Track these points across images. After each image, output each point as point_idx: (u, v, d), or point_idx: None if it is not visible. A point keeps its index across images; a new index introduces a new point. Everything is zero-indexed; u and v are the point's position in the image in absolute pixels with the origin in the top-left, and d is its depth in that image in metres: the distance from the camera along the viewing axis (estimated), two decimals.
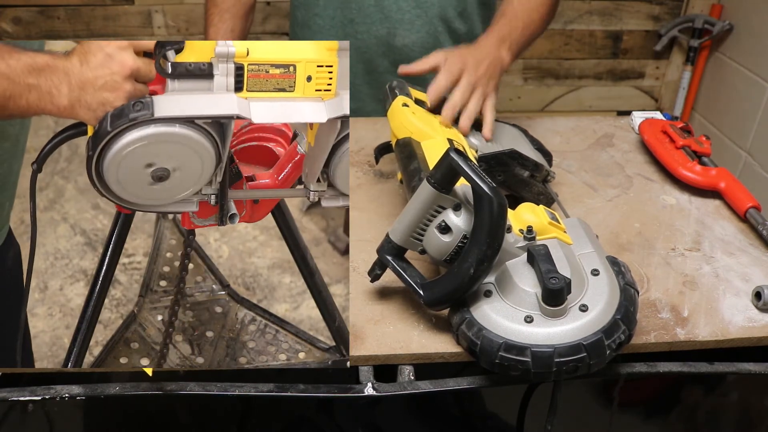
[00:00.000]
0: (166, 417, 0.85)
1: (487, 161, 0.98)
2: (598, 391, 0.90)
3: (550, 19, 1.27)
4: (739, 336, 0.84)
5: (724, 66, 2.43)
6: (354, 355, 0.79)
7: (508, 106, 2.65)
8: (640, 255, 0.98)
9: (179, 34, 2.36)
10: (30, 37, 2.31)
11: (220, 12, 1.35)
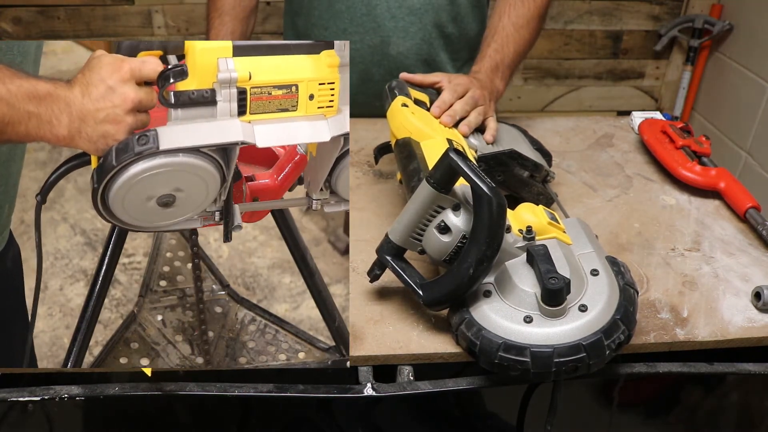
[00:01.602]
0: (165, 417, 0.85)
1: (486, 161, 0.98)
2: (597, 392, 0.90)
3: (542, 29, 1.29)
4: (739, 336, 0.84)
5: (724, 66, 2.43)
6: (353, 356, 0.79)
7: (508, 106, 2.65)
8: (640, 255, 0.98)
9: (179, 34, 2.36)
10: (30, 37, 2.31)
11: (220, 15, 1.35)
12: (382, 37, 1.34)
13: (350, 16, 1.33)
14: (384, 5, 1.32)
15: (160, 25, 2.35)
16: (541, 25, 1.27)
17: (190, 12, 2.33)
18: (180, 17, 2.34)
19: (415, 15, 1.33)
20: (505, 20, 1.21)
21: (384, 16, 1.32)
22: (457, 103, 1.02)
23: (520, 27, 1.21)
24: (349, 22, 1.34)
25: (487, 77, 1.13)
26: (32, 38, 2.32)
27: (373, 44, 1.35)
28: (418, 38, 1.35)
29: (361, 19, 1.33)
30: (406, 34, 1.34)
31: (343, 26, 1.34)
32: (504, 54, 1.17)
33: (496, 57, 1.17)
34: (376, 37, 1.34)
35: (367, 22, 1.33)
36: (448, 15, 1.35)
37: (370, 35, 1.34)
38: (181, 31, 2.36)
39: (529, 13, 1.22)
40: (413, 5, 1.32)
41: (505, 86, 1.17)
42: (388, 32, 1.33)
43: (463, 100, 1.03)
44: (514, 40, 1.20)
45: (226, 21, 1.35)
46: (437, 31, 1.36)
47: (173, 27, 2.35)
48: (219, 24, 1.35)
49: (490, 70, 1.15)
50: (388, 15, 1.32)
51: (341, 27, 1.34)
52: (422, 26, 1.34)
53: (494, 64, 1.16)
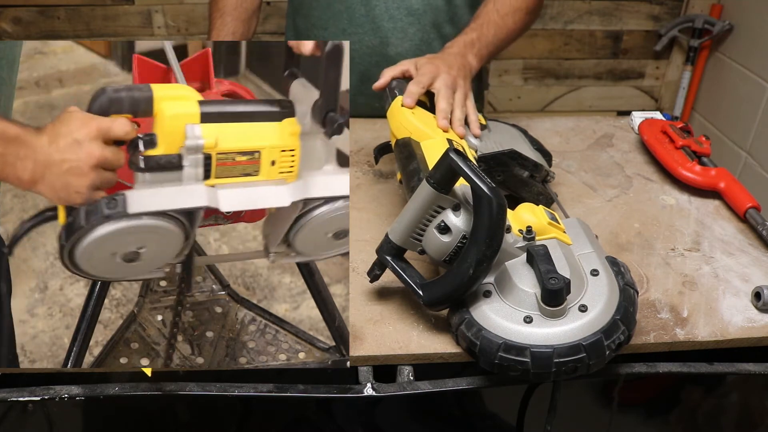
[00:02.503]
0: (165, 417, 0.85)
1: (486, 161, 0.98)
2: (597, 392, 0.90)
3: (530, 23, 1.28)
4: (739, 336, 0.84)
5: (724, 66, 2.43)
6: (353, 356, 0.79)
7: (508, 106, 2.65)
8: (640, 255, 0.98)
9: (179, 34, 2.36)
10: (30, 37, 2.31)
11: (222, 15, 1.35)
12: (380, 38, 1.34)
13: (349, 16, 1.33)
14: (382, 6, 1.32)
15: (160, 25, 2.35)
16: (528, 19, 1.26)
17: (190, 12, 2.33)
18: (180, 17, 2.34)
19: (413, 16, 1.33)
20: (490, 6, 1.22)
21: (382, 17, 1.32)
22: (440, 102, 1.00)
23: (504, 15, 1.21)
24: (348, 23, 1.34)
25: (459, 52, 1.11)
26: (32, 38, 2.32)
27: (372, 45, 1.35)
28: (417, 39, 1.35)
29: (360, 19, 1.33)
30: (404, 35, 1.34)
31: (342, 27, 1.34)
32: (481, 33, 1.17)
33: (471, 34, 1.16)
34: (375, 38, 1.34)
35: (366, 23, 1.33)
36: (446, 15, 1.35)
37: (369, 36, 1.34)
38: (181, 31, 2.36)
39: (516, 3, 1.22)
40: (411, 6, 1.32)
41: (479, 64, 1.15)
42: (386, 33, 1.34)
43: (441, 92, 1.01)
44: (496, 24, 1.19)
45: (227, 21, 1.35)
46: (435, 32, 1.36)
47: (173, 27, 2.35)
48: (221, 24, 1.35)
49: (462, 45, 1.13)
50: (386, 16, 1.32)
51: (340, 27, 1.34)
52: (421, 27, 1.34)
53: (469, 40, 1.15)
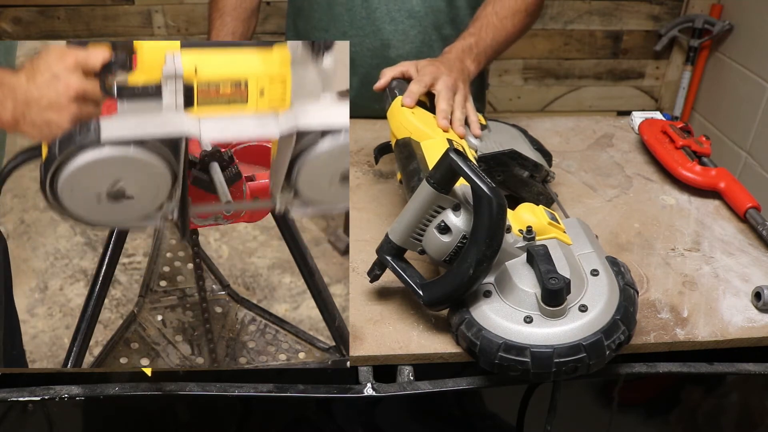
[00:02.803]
0: (165, 417, 0.85)
1: (486, 161, 0.98)
2: (597, 392, 0.90)
3: (531, 24, 1.28)
4: (739, 336, 0.84)
5: (724, 66, 2.43)
6: (353, 356, 0.79)
7: (508, 106, 2.65)
8: (640, 255, 0.98)
9: (179, 34, 2.36)
10: (30, 37, 2.31)
11: (222, 15, 1.35)
12: (381, 41, 1.34)
13: (350, 18, 1.33)
14: (383, 9, 1.31)
15: (160, 25, 2.35)
16: (528, 20, 1.26)
17: (190, 12, 2.33)
18: (180, 17, 2.34)
19: (414, 18, 1.33)
20: (488, 9, 1.22)
21: (383, 19, 1.32)
22: (440, 103, 1.00)
23: (503, 17, 1.20)
24: (349, 25, 1.34)
25: (457, 57, 1.11)
26: (32, 38, 2.32)
27: (373, 47, 1.35)
28: (417, 41, 1.35)
29: (361, 22, 1.33)
30: (405, 37, 1.34)
31: (343, 29, 1.34)
32: (479, 38, 1.17)
33: (470, 39, 1.16)
34: (376, 41, 1.34)
35: (367, 25, 1.33)
36: (447, 17, 1.35)
37: (370, 38, 1.34)
38: (181, 31, 2.36)
39: (515, 5, 1.22)
40: (412, 8, 1.32)
41: (477, 68, 1.15)
42: (387, 35, 1.34)
43: (441, 94, 1.01)
44: (494, 27, 1.19)
45: (227, 21, 1.35)
46: (437, 33, 1.35)
47: (173, 27, 2.35)
48: (220, 24, 1.35)
49: (460, 50, 1.13)
50: (387, 18, 1.32)
51: (341, 30, 1.34)
52: (422, 29, 1.34)
53: (467, 46, 1.15)
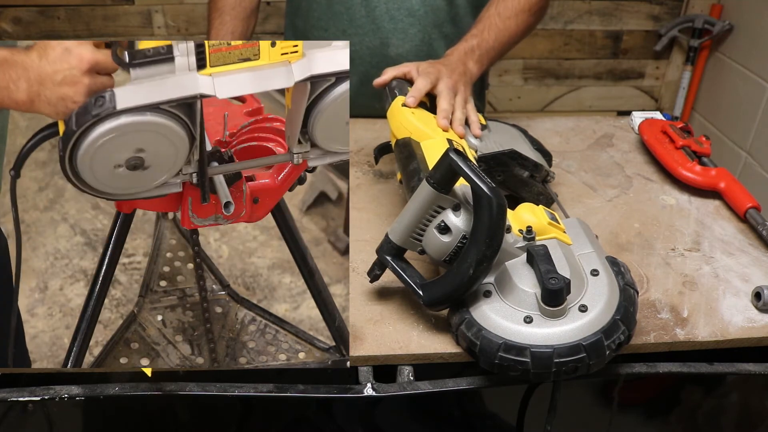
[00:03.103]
0: (165, 417, 0.85)
1: (486, 161, 0.98)
2: (597, 392, 0.90)
3: (535, 23, 1.28)
4: (739, 336, 0.84)
5: (724, 66, 2.43)
6: (353, 356, 0.79)
7: (508, 106, 2.65)
8: (640, 255, 0.98)
9: (179, 34, 2.36)
10: (30, 37, 2.31)
11: (221, 15, 1.35)
12: (381, 39, 1.34)
13: (349, 17, 1.33)
14: (383, 7, 1.32)
15: (160, 25, 2.35)
16: (532, 20, 1.26)
17: (190, 12, 2.33)
18: (180, 17, 2.34)
19: (414, 16, 1.33)
20: (492, 10, 1.22)
21: (383, 17, 1.32)
22: (442, 103, 1.01)
23: (506, 18, 1.20)
24: (349, 24, 1.34)
25: (459, 59, 1.12)
26: (32, 38, 2.32)
27: (373, 46, 1.35)
28: (417, 40, 1.35)
29: (361, 20, 1.33)
30: (405, 36, 1.34)
31: (342, 27, 1.34)
32: (482, 39, 1.17)
33: (472, 41, 1.16)
34: (376, 39, 1.34)
35: (367, 23, 1.33)
36: (447, 15, 1.35)
37: (370, 37, 1.34)
38: (181, 31, 2.36)
39: (518, 5, 1.22)
40: (412, 7, 1.32)
41: (479, 70, 1.15)
42: (387, 34, 1.34)
43: (443, 94, 1.01)
44: (497, 28, 1.19)
45: (226, 21, 1.35)
46: (437, 32, 1.36)
47: (173, 27, 2.35)
48: (219, 24, 1.35)
49: (462, 52, 1.14)
50: (387, 17, 1.32)
51: (341, 28, 1.34)
52: (421, 28, 1.34)
53: (469, 47, 1.15)
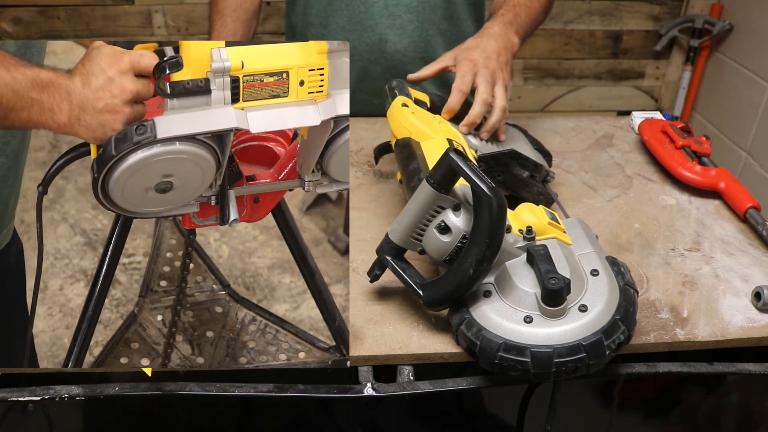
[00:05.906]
0: (166, 417, 0.85)
1: (486, 161, 0.98)
2: (597, 392, 0.90)
3: (549, 8, 1.29)
4: (739, 336, 0.84)
5: (724, 66, 2.43)
6: (354, 356, 0.79)
7: (508, 106, 2.65)
8: (640, 255, 0.98)
9: (179, 34, 2.36)
10: (30, 37, 2.31)
11: (222, 17, 1.35)
12: (379, 35, 1.34)
13: (348, 13, 1.33)
14: (381, 3, 1.32)
15: (160, 25, 2.35)
16: (549, 6, 1.27)
17: (190, 12, 2.33)
18: (180, 17, 2.34)
19: (412, 12, 1.33)
20: None
21: (381, 13, 1.32)
22: (476, 107, 1.02)
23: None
24: (348, 20, 1.34)
25: (501, 32, 1.12)
26: (32, 38, 2.32)
27: (371, 42, 1.35)
28: (415, 36, 1.35)
29: (359, 16, 1.33)
30: (403, 32, 1.34)
31: (341, 24, 1.34)
32: (516, 14, 1.18)
33: (508, 15, 1.17)
34: (374, 35, 1.34)
35: (365, 19, 1.33)
36: (445, 12, 1.35)
37: (368, 33, 1.34)
38: (181, 31, 2.36)
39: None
40: (410, 3, 1.32)
41: (520, 42, 1.16)
42: (385, 30, 1.34)
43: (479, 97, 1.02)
44: (526, 8, 1.20)
45: (227, 23, 1.35)
46: (435, 28, 1.36)
47: (173, 27, 2.35)
48: (221, 26, 1.35)
49: (503, 24, 1.14)
50: (385, 12, 1.32)
51: (340, 24, 1.34)
52: (419, 24, 1.34)
53: (507, 20, 1.16)
